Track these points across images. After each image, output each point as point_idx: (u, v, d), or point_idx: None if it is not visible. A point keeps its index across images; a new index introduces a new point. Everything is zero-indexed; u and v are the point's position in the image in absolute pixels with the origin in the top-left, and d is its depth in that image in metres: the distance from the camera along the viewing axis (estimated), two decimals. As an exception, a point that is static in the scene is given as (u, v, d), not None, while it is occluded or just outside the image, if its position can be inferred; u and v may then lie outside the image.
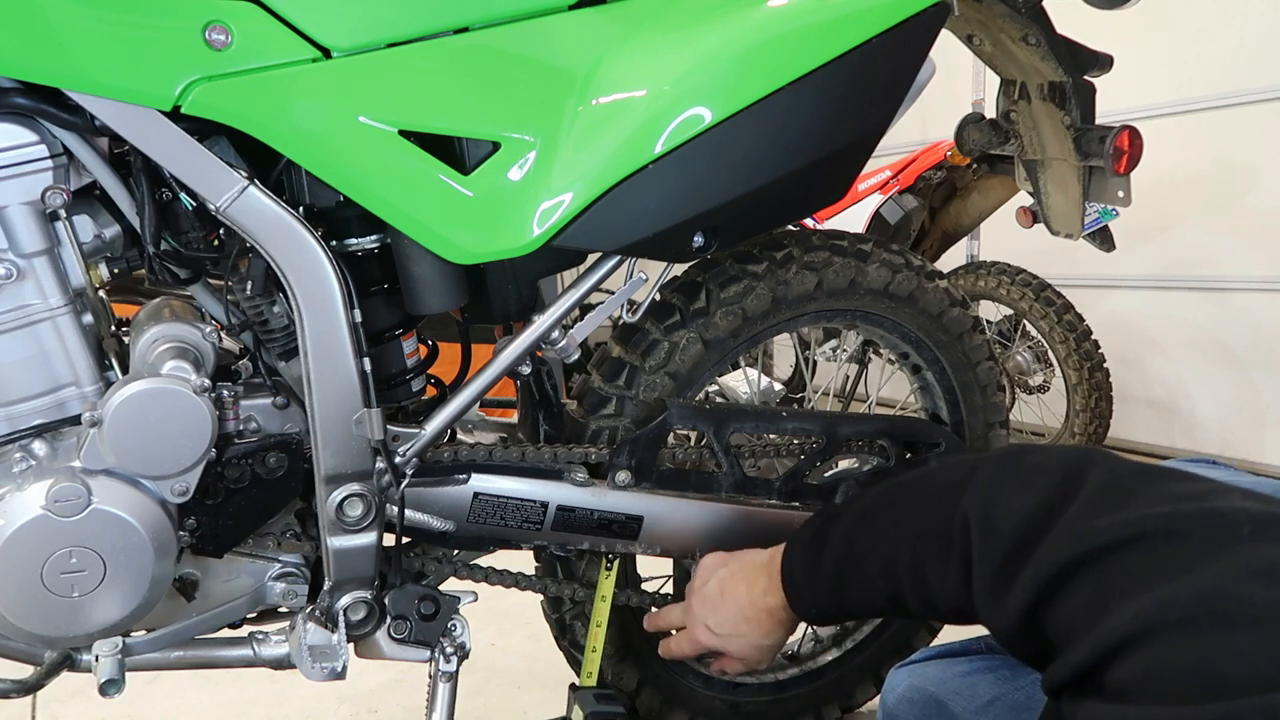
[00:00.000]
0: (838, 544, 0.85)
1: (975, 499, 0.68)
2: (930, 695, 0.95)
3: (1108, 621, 0.52)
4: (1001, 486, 0.67)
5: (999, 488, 0.67)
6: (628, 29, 0.98)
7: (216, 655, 1.02)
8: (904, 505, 0.80)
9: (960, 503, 0.69)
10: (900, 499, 0.81)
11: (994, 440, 1.36)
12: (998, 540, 0.64)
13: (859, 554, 0.83)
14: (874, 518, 0.83)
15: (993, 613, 0.64)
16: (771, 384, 2.22)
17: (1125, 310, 3.32)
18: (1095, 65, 1.30)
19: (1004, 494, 0.66)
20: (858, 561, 0.83)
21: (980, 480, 0.69)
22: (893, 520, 0.80)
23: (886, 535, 0.80)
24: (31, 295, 0.87)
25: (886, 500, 0.83)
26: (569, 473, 1.09)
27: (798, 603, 0.92)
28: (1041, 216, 1.52)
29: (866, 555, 0.82)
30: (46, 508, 0.83)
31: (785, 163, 1.02)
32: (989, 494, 0.67)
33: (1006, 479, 0.67)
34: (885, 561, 0.79)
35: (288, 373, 1.01)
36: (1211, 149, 3.01)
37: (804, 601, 0.91)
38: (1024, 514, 0.63)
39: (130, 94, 0.81)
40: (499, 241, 0.94)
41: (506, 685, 1.66)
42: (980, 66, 3.08)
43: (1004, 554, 0.63)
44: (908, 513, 0.78)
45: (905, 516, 0.78)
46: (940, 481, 0.75)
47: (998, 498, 0.66)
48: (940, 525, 0.71)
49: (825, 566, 0.86)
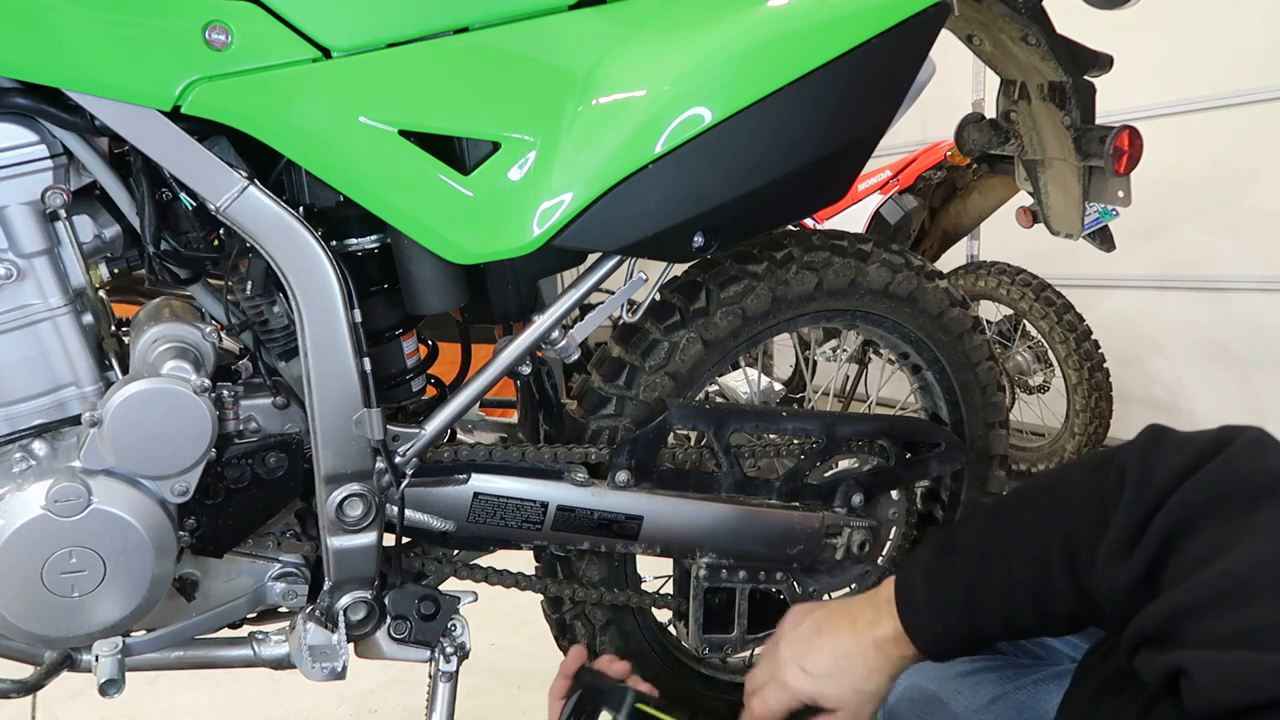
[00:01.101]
0: (969, 549, 0.76)
1: (1130, 457, 0.65)
2: (931, 694, 0.95)
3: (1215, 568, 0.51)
4: (1157, 446, 0.65)
5: (1154, 448, 0.65)
6: (628, 29, 0.98)
7: (216, 655, 1.02)
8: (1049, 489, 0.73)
9: (1112, 463, 0.66)
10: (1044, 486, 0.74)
11: (994, 440, 1.36)
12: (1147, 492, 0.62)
13: (998, 552, 0.73)
14: (1015, 509, 0.75)
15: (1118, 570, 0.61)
16: (771, 384, 2.22)
17: (1125, 310, 3.32)
18: (1095, 65, 1.30)
19: (1159, 451, 0.64)
20: (996, 563, 0.73)
21: (1135, 444, 0.66)
22: (1039, 505, 0.72)
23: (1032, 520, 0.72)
24: (31, 295, 0.87)
25: (1020, 498, 0.75)
26: (569, 473, 1.09)
27: (917, 628, 0.78)
28: (1041, 216, 1.52)
29: (1009, 549, 0.72)
30: (46, 508, 0.83)
31: (785, 163, 1.01)
32: (1144, 453, 0.65)
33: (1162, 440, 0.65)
34: (1031, 550, 0.70)
35: (288, 373, 1.01)
36: (1211, 149, 3.01)
37: (925, 625, 0.78)
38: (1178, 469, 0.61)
39: (130, 94, 0.81)
40: (499, 241, 0.94)
41: (506, 685, 1.66)
42: (980, 66, 3.08)
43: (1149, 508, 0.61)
44: (1055, 493, 0.71)
45: (1053, 498, 0.71)
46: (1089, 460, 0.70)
47: (1153, 456, 0.64)
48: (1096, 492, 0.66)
49: (955, 577, 0.76)
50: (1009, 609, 0.73)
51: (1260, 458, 0.58)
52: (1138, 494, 0.62)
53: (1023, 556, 0.71)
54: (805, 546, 1.20)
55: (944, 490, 1.38)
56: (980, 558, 0.75)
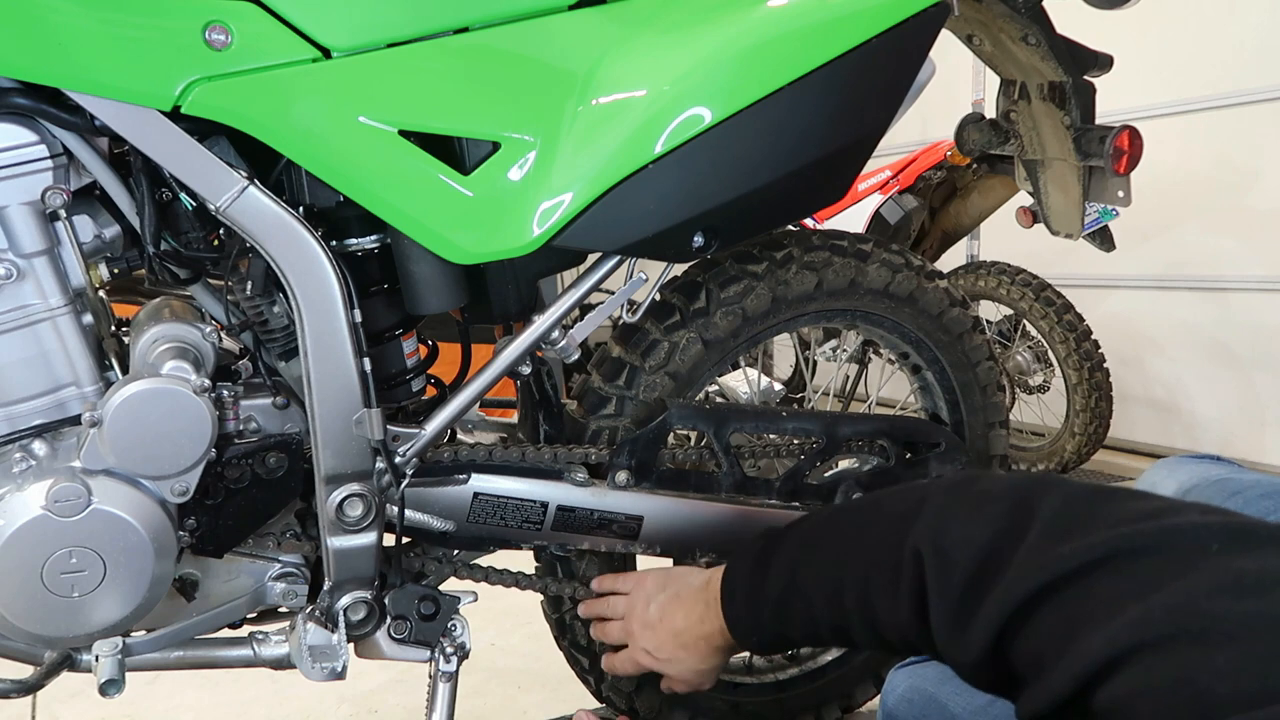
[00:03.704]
0: (780, 572, 0.83)
1: (925, 529, 0.66)
2: (930, 695, 0.95)
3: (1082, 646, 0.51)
4: (952, 516, 0.65)
5: (949, 517, 0.65)
6: (628, 29, 0.98)
7: (216, 655, 1.02)
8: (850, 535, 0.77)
9: (910, 533, 0.67)
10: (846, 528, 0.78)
11: (994, 440, 1.36)
12: (953, 572, 0.62)
13: (802, 583, 0.80)
14: (818, 546, 0.80)
15: (953, 647, 0.63)
16: (771, 384, 2.23)
17: (1125, 310, 3.32)
18: (1095, 65, 1.30)
19: (955, 523, 0.64)
20: (801, 591, 0.80)
21: (929, 510, 0.67)
22: (838, 550, 0.77)
23: (831, 565, 0.77)
24: (31, 295, 0.87)
25: (832, 528, 0.81)
26: (569, 473, 1.09)
27: (738, 630, 0.90)
28: (1041, 216, 1.52)
29: (810, 585, 0.79)
30: (46, 508, 0.83)
31: (785, 163, 1.01)
32: (939, 524, 0.65)
33: (956, 508, 0.65)
34: (830, 593, 0.76)
35: (288, 373, 1.01)
36: (1211, 149, 3.01)
37: (744, 629, 0.89)
38: (979, 544, 0.61)
39: (130, 94, 0.81)
40: (499, 241, 0.94)
41: (506, 685, 1.66)
42: (980, 66, 3.08)
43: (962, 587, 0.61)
44: (854, 543, 0.75)
45: (851, 547, 0.75)
46: (887, 510, 0.73)
47: (949, 527, 0.64)
48: (889, 556, 0.69)
49: (767, 595, 0.84)
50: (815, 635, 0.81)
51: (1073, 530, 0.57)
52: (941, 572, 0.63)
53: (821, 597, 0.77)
54: (805, 546, 1.20)
55: (944, 490, 1.38)
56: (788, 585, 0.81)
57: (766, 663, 1.35)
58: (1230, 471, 0.93)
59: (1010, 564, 0.58)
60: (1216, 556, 0.51)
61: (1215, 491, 0.89)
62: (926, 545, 0.65)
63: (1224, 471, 0.92)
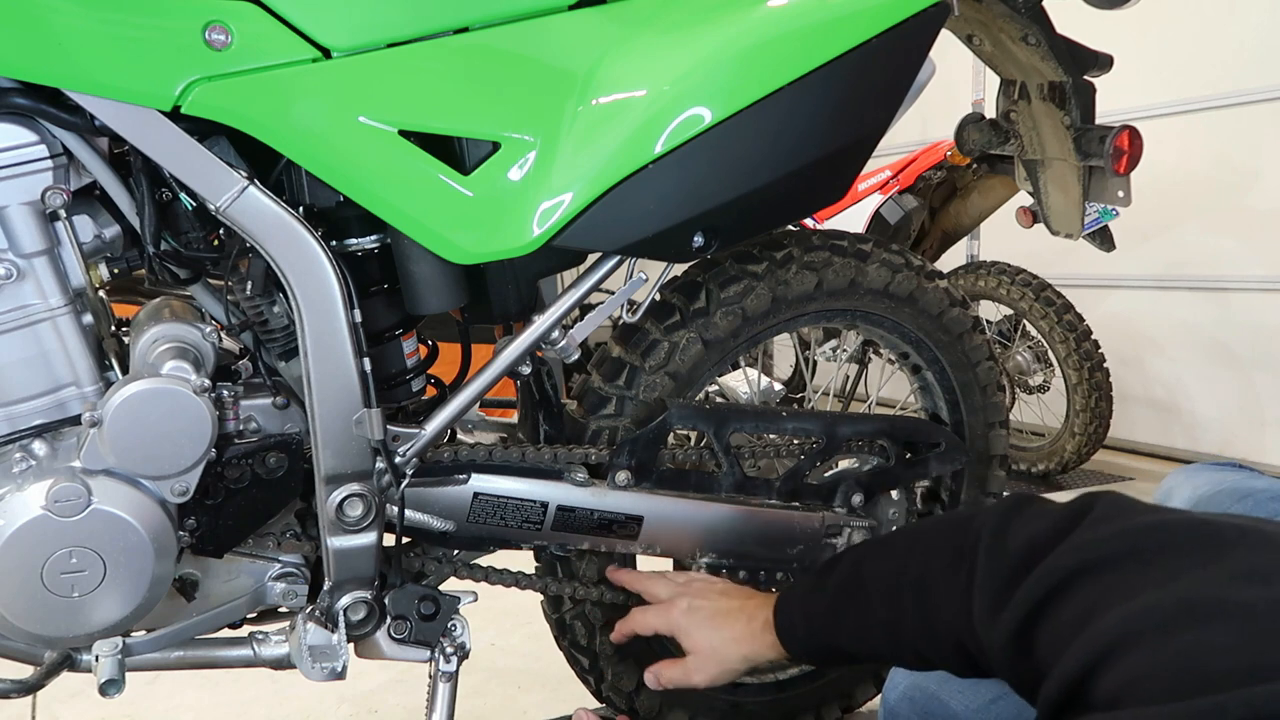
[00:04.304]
0: (844, 572, 0.85)
1: (990, 519, 0.69)
2: (931, 693, 0.95)
3: (1093, 630, 0.53)
4: (1017, 513, 0.68)
5: (1014, 513, 0.68)
6: (628, 29, 0.98)
7: (216, 655, 1.02)
8: (917, 532, 0.81)
9: (974, 524, 0.71)
10: (915, 529, 0.83)
11: (994, 440, 1.36)
12: (1004, 558, 0.65)
13: (864, 579, 0.82)
14: (886, 545, 0.84)
15: (989, 630, 0.65)
16: (771, 384, 2.23)
17: (1125, 310, 3.32)
18: (1095, 65, 1.30)
19: (1018, 518, 0.67)
20: (861, 587, 0.82)
21: (996, 507, 0.71)
22: (904, 545, 0.80)
23: (895, 558, 0.80)
24: (31, 295, 0.87)
25: (901, 531, 0.85)
26: (569, 473, 1.09)
27: (786, 633, 0.91)
28: (1041, 216, 1.52)
29: (871, 580, 0.81)
30: (46, 508, 0.83)
31: (785, 163, 1.01)
32: (1004, 517, 0.69)
33: (1023, 508, 0.69)
34: (890, 585, 0.78)
35: (288, 373, 1.01)
36: (1211, 149, 3.01)
37: (793, 630, 0.90)
38: (1033, 535, 0.64)
39: (130, 94, 0.81)
40: (499, 241, 0.94)
41: (506, 685, 1.66)
42: (980, 66, 3.08)
43: (1009, 569, 0.64)
44: (920, 538, 0.79)
45: (917, 541, 0.79)
46: (957, 514, 0.79)
47: (1012, 520, 0.68)
48: (952, 545, 0.72)
49: (825, 593, 0.86)
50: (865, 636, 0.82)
51: (1117, 520, 0.60)
52: (994, 556, 0.67)
53: (881, 589, 0.80)
54: (805, 546, 1.20)
55: (944, 490, 1.38)
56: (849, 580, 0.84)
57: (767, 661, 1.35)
58: (1244, 477, 0.94)
59: (1053, 551, 0.61)
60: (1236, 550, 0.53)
61: (1227, 496, 0.90)
62: (988, 530, 0.68)
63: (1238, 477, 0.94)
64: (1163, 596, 0.51)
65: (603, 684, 1.22)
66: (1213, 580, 0.51)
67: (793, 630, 0.90)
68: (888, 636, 0.79)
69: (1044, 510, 0.67)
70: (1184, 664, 0.47)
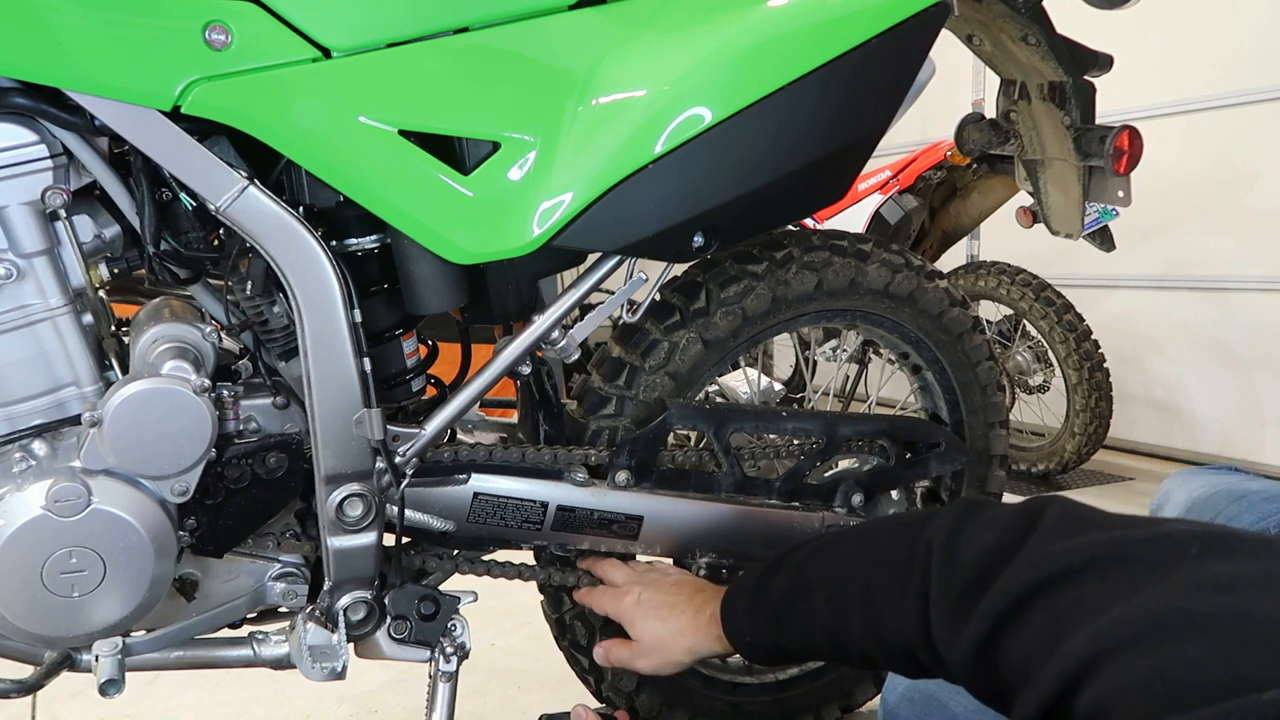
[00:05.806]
0: (789, 572, 0.84)
1: (939, 530, 0.68)
2: (930, 694, 0.95)
3: (1065, 649, 0.52)
4: (967, 522, 0.67)
5: (964, 522, 0.67)
6: (628, 29, 0.98)
7: (216, 655, 1.02)
8: (864, 538, 0.79)
9: (923, 534, 0.69)
10: (861, 533, 0.81)
11: (994, 440, 1.36)
12: (958, 569, 0.64)
13: (809, 581, 0.81)
14: (832, 549, 0.82)
15: (947, 643, 0.64)
16: (771, 384, 2.23)
17: (1125, 310, 3.32)
18: (1095, 65, 1.30)
19: (968, 528, 0.66)
20: (806, 589, 0.81)
21: (944, 517, 0.69)
22: (851, 550, 0.79)
23: (841, 563, 0.78)
24: (31, 295, 0.87)
25: (847, 534, 0.82)
26: (569, 473, 1.09)
27: (731, 630, 0.90)
28: (1041, 216, 1.52)
29: (816, 582, 0.80)
30: (46, 508, 0.83)
31: (785, 163, 1.01)
32: (954, 526, 0.67)
33: (972, 516, 0.67)
34: (835, 589, 0.77)
35: (288, 373, 1.01)
36: (1211, 149, 3.01)
37: (738, 629, 0.90)
38: (986, 545, 0.63)
39: (130, 94, 0.81)
40: (499, 241, 0.94)
41: (506, 685, 1.66)
42: (980, 66, 3.08)
43: (964, 582, 0.63)
44: (867, 544, 0.77)
45: (864, 547, 0.77)
46: (901, 521, 0.76)
47: (962, 530, 0.66)
48: (900, 554, 0.71)
49: (771, 595, 0.85)
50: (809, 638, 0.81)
51: (1071, 532, 0.59)
52: (946, 568, 0.65)
53: (825, 592, 0.79)
54: (805, 546, 1.20)
55: (944, 490, 1.38)
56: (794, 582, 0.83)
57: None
58: (1239, 480, 0.93)
59: (1011, 562, 0.60)
60: (1197, 560, 0.52)
61: (1222, 497, 0.90)
62: (938, 543, 0.67)
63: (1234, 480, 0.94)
64: (1127, 611, 0.50)
65: (603, 684, 1.23)
66: (1177, 592, 0.50)
67: (737, 627, 0.90)
68: (832, 641, 0.78)
69: (994, 518, 0.66)
70: (1157, 679, 0.47)
